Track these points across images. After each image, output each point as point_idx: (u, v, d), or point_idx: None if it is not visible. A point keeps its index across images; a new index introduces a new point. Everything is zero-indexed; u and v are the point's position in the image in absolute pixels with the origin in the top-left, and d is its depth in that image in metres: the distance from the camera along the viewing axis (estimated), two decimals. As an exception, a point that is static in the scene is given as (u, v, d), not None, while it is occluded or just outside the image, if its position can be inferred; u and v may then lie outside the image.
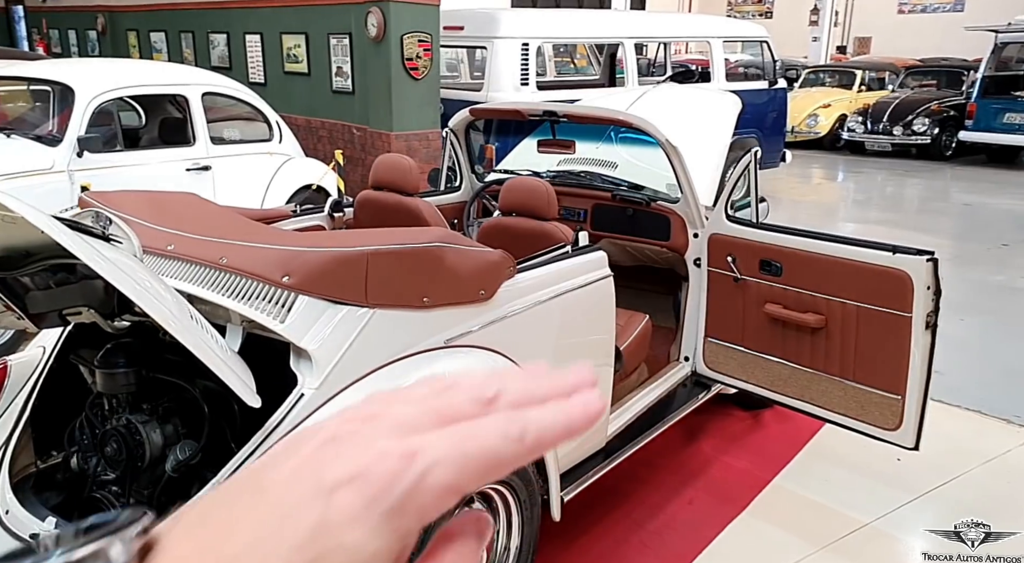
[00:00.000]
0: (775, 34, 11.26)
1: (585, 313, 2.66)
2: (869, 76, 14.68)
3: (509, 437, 0.36)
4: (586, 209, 3.74)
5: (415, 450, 0.34)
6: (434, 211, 3.13)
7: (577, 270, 2.62)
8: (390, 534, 0.33)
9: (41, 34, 13.88)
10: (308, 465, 0.35)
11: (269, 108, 6.00)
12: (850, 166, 12.79)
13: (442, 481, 0.34)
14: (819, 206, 10.30)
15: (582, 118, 3.39)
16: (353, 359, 1.93)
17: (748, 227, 3.23)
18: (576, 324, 2.63)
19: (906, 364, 2.82)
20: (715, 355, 3.46)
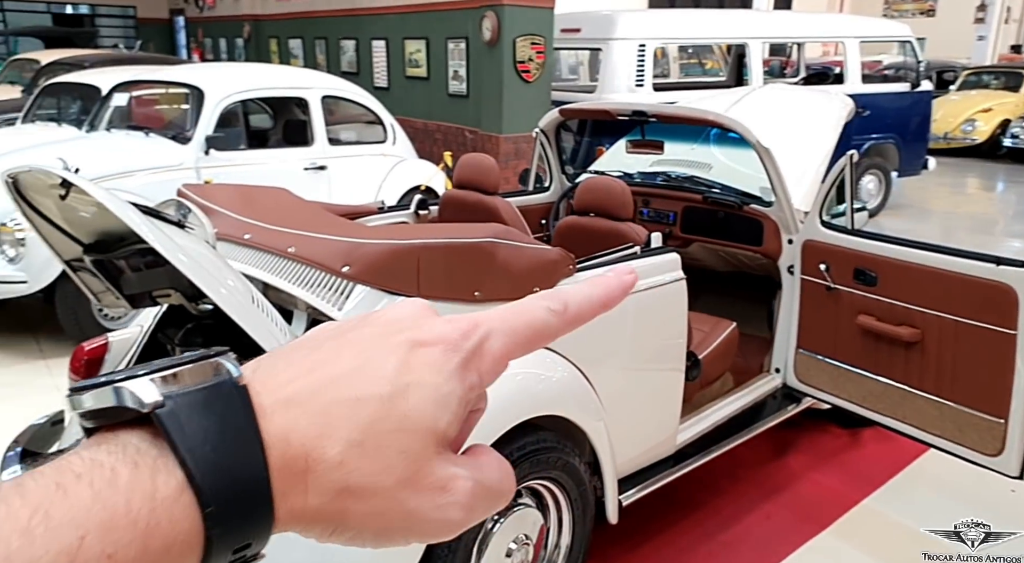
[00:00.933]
0: (937, 34, 10.53)
1: (654, 316, 2.63)
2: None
3: (552, 309, 0.43)
4: (676, 211, 3.68)
5: (477, 321, 0.41)
6: (512, 210, 3.17)
7: (646, 271, 2.59)
8: (459, 383, 0.39)
9: (197, 42, 15.02)
10: (385, 328, 0.40)
11: (385, 111, 6.23)
12: (1012, 175, 11.79)
13: (497, 348, 0.41)
14: (973, 218, 9.55)
15: (671, 118, 3.33)
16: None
17: (843, 234, 3.08)
18: (643, 326, 2.60)
19: (1009, 385, 2.61)
20: (806, 367, 3.32)
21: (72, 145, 4.89)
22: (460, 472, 0.39)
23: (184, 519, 0.33)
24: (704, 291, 4.29)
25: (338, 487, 0.36)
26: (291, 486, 0.36)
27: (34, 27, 13.64)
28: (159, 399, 0.34)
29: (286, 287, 2.05)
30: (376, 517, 0.38)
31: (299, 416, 0.36)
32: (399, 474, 0.37)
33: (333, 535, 0.39)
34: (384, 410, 0.37)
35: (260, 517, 0.35)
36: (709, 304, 4.27)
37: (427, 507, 0.38)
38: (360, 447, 0.36)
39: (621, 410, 2.53)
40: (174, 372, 0.35)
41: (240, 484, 0.34)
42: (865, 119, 8.71)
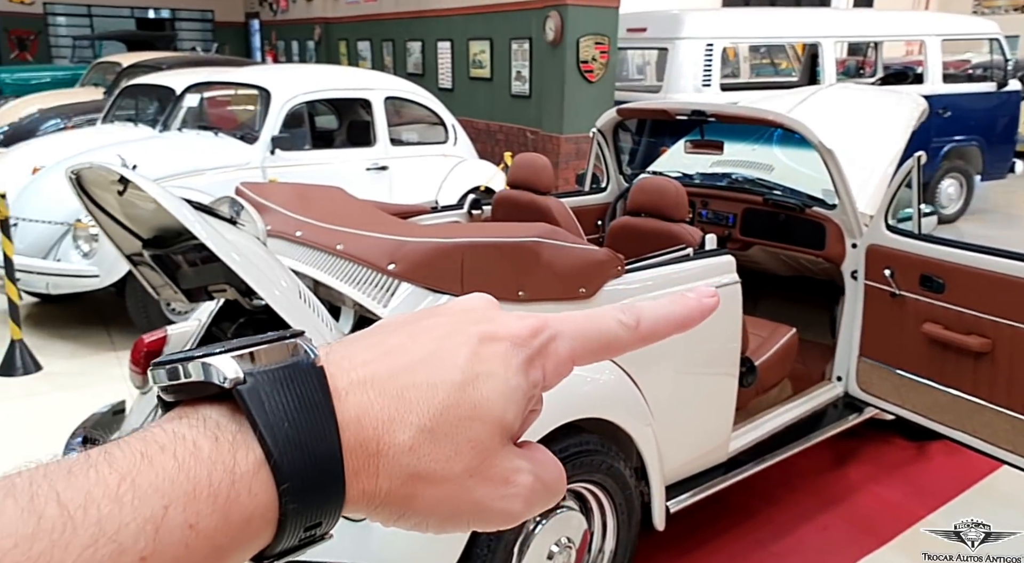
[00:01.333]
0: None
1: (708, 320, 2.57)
2: None
3: (623, 323, 0.43)
4: (735, 213, 3.60)
5: (546, 322, 0.41)
6: (564, 210, 3.15)
7: (698, 274, 2.54)
8: (524, 378, 0.39)
9: (271, 44, 15.44)
10: (458, 318, 0.41)
11: (447, 112, 6.28)
12: None
13: (563, 350, 0.41)
14: None
15: (730, 118, 3.26)
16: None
17: (909, 238, 2.96)
18: (695, 330, 2.54)
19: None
20: (869, 376, 3.21)
21: (144, 144, 5.08)
22: (523, 465, 0.40)
23: (262, 493, 0.34)
24: (765, 296, 4.20)
25: (408, 471, 0.37)
26: (362, 467, 0.36)
27: (117, 31, 14.23)
28: (241, 376, 0.35)
29: (334, 284, 2.08)
30: (443, 503, 0.38)
31: (373, 399, 0.37)
32: (467, 462, 0.38)
33: (400, 519, 0.39)
34: (455, 397, 0.38)
35: (332, 495, 0.36)
36: (770, 309, 4.17)
37: (492, 496, 0.39)
38: (431, 433, 0.37)
39: (671, 415, 2.49)
40: (252, 351, 0.36)
41: (315, 462, 0.35)
42: (946, 120, 8.39)
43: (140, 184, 1.70)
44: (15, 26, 15.07)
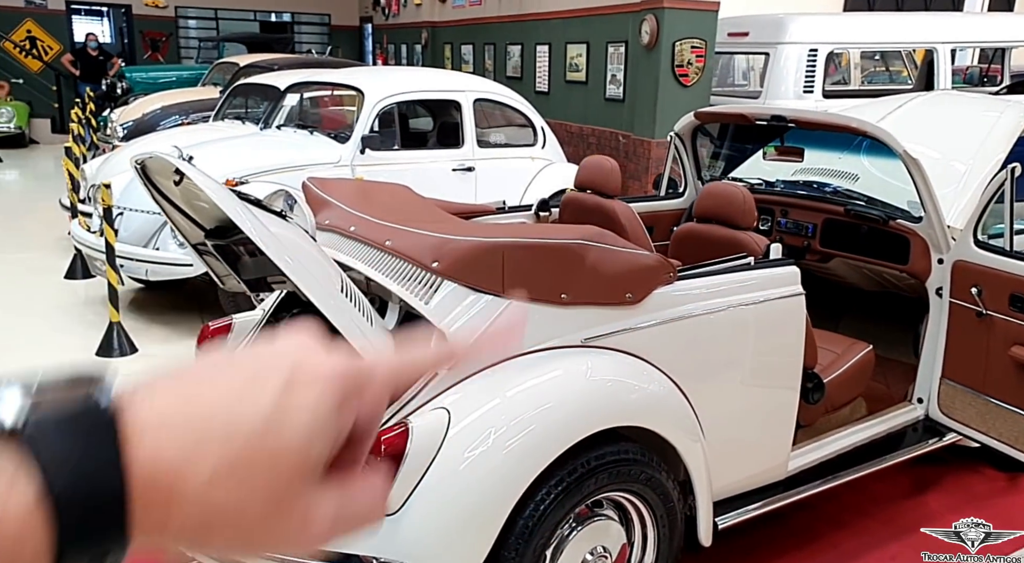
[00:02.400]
0: None
1: (767, 332, 2.48)
2: None
3: (437, 360, 0.52)
4: (815, 223, 3.45)
5: (359, 364, 0.44)
6: (631, 214, 3.11)
7: (759, 284, 2.45)
8: (334, 417, 0.41)
9: (382, 48, 15.89)
10: (268, 362, 0.42)
11: (537, 114, 6.30)
12: None
13: (376, 389, 0.44)
14: None
15: (810, 124, 3.14)
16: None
17: (999, 255, 2.77)
18: (754, 343, 2.46)
19: None
20: (951, 399, 3.02)
21: (244, 141, 5.34)
22: (326, 501, 0.42)
23: (36, 530, 0.35)
24: (849, 310, 4.01)
25: (202, 512, 0.38)
26: (153, 506, 0.37)
27: (238, 34, 14.99)
28: (24, 419, 0.36)
29: (380, 279, 2.12)
30: (239, 539, 0.40)
31: (169, 442, 0.38)
32: (263, 505, 0.39)
33: (198, 551, 0.41)
34: (255, 443, 0.39)
35: (114, 534, 0.36)
36: (853, 325, 3.98)
37: (289, 533, 0.40)
38: (228, 477, 0.38)
39: (724, 429, 2.42)
40: (45, 390, 0.37)
41: (95, 501, 0.36)
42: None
43: (190, 175, 1.79)
44: (149, 28, 16.12)
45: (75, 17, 15.64)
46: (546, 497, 1.94)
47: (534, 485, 1.92)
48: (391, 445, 1.80)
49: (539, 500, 1.93)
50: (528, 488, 1.91)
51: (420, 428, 1.85)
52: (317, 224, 2.44)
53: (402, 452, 1.80)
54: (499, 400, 1.95)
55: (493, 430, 1.89)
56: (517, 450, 1.90)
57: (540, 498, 1.93)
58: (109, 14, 17.19)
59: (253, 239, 1.72)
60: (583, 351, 2.11)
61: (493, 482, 1.87)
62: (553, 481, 1.95)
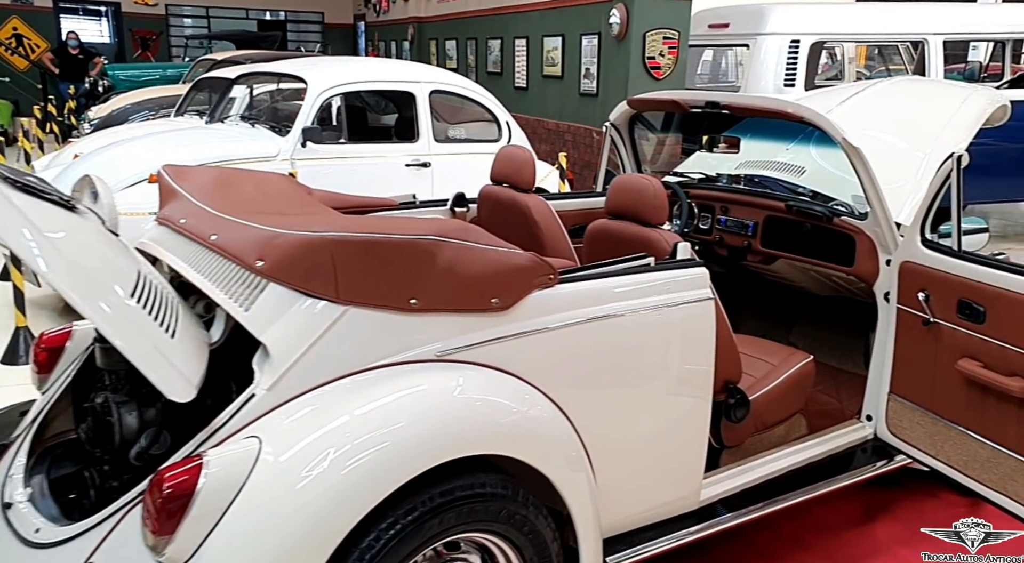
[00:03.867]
0: None
1: (666, 341, 2.18)
2: None
3: None
4: (757, 221, 3.15)
5: None
6: (545, 209, 2.81)
7: (660, 287, 2.15)
8: None
9: (374, 45, 15.66)
10: None
11: (501, 109, 6.02)
12: None
13: None
14: None
15: (743, 110, 2.83)
16: (316, 362, 1.72)
17: (946, 256, 2.46)
18: (650, 353, 2.16)
19: None
20: (899, 417, 2.71)
21: (177, 136, 5.08)
22: None
23: None
24: (802, 317, 3.70)
25: None
26: None
27: (226, 31, 14.79)
28: None
29: (197, 280, 1.84)
30: None
31: None
32: None
33: None
34: None
35: None
36: (806, 332, 3.67)
37: None
38: None
39: (616, 454, 2.12)
40: None
41: None
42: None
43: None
44: (139, 26, 15.94)
45: (64, 15, 15.48)
46: (375, 543, 1.64)
47: (361, 527, 1.63)
48: (177, 484, 1.51)
49: (366, 547, 1.63)
50: (353, 530, 1.62)
51: (218, 461, 1.56)
52: (157, 217, 2.16)
53: (191, 491, 1.51)
54: (322, 429, 1.66)
55: (310, 463, 1.60)
56: (339, 486, 1.60)
57: (368, 544, 1.63)
58: (105, 13, 17.03)
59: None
60: (439, 367, 1.81)
61: (307, 524, 1.57)
62: (385, 523, 1.65)
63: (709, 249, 3.43)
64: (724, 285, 3.93)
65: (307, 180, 4.67)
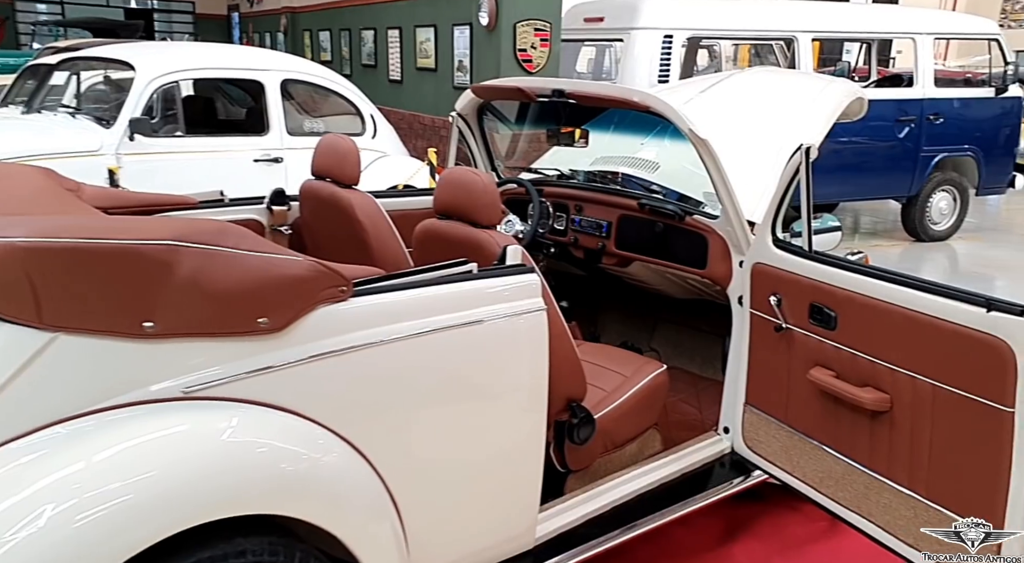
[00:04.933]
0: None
1: (489, 359, 1.89)
2: None
3: None
4: (610, 221, 2.92)
5: None
6: (372, 207, 2.48)
7: (482, 298, 1.85)
8: None
9: (248, 37, 14.88)
10: None
11: (366, 101, 5.65)
12: None
13: None
14: None
15: (588, 98, 2.58)
16: (14, 405, 1.34)
17: (797, 257, 2.28)
18: (469, 374, 1.87)
19: (1005, 482, 1.78)
20: (755, 430, 2.52)
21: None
22: None
23: None
24: (665, 322, 3.51)
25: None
26: None
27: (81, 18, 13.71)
28: None
29: None
30: None
31: None
32: None
33: None
34: None
35: None
36: (668, 336, 3.48)
37: None
38: None
39: (428, 493, 1.81)
40: None
41: None
42: (938, 128, 7.63)
43: None
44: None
45: None
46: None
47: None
48: None
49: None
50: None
51: None
52: None
53: None
54: (17, 494, 1.28)
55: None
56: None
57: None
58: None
59: None
60: (178, 407, 1.45)
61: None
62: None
63: (565, 251, 3.19)
64: (582, 289, 3.73)
65: (135, 178, 4.20)
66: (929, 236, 7.92)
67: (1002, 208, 9.64)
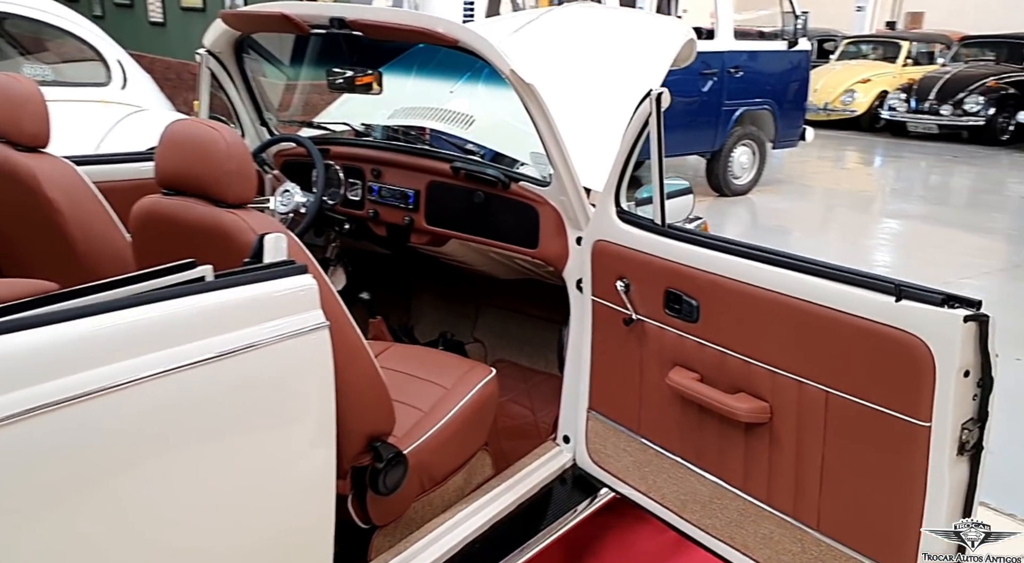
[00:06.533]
0: (817, 5, 9.76)
1: (230, 415, 1.27)
2: (917, 49, 13.05)
3: None
4: (418, 190, 2.34)
5: None
6: (69, 179, 1.75)
7: (221, 321, 1.22)
8: None
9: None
10: None
11: (111, 44, 4.65)
12: (890, 150, 11.36)
13: None
14: (851, 196, 8.84)
15: (379, 30, 1.97)
16: None
17: (646, 232, 1.82)
18: (209, 436, 1.24)
19: (917, 515, 1.43)
20: (602, 441, 2.08)
21: None
22: None
23: None
24: (488, 305, 3.01)
25: None
26: None
27: None
28: None
29: None
30: None
31: None
32: None
33: None
34: None
35: None
36: (492, 325, 2.98)
37: None
38: None
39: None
40: None
41: None
42: (738, 81, 7.66)
43: None
44: None
45: None
46: None
47: None
48: None
49: None
50: None
51: None
52: None
53: None
54: None
55: None
56: None
57: None
58: None
59: None
60: None
61: None
62: None
63: (364, 227, 2.58)
64: (389, 271, 3.12)
65: None
66: (731, 190, 8.04)
67: (786, 161, 10.09)
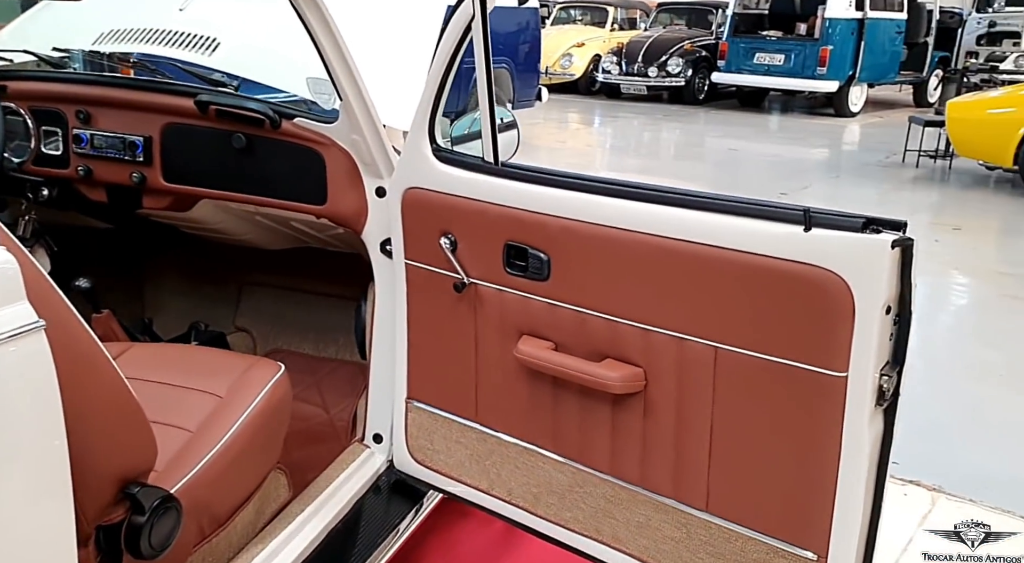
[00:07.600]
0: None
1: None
2: (622, 15, 13.95)
3: None
4: (149, 135, 1.76)
5: None
6: None
7: None
8: None
9: None
10: None
11: None
12: (607, 111, 12.12)
13: None
14: (577, 153, 9.28)
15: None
16: None
17: (476, 173, 1.47)
18: None
19: (831, 487, 1.24)
20: (427, 436, 1.71)
21: None
22: None
23: None
24: (252, 283, 2.48)
25: None
26: None
27: None
28: None
29: None
30: None
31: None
32: None
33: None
34: None
35: None
36: (260, 308, 2.45)
37: None
38: None
39: None
40: None
41: None
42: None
43: None
44: None
45: None
46: None
47: None
48: None
49: None
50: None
51: None
52: None
53: None
54: None
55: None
56: None
57: None
58: None
59: None
60: None
61: None
62: None
63: (72, 192, 1.93)
64: (112, 250, 2.40)
65: None
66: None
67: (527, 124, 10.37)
